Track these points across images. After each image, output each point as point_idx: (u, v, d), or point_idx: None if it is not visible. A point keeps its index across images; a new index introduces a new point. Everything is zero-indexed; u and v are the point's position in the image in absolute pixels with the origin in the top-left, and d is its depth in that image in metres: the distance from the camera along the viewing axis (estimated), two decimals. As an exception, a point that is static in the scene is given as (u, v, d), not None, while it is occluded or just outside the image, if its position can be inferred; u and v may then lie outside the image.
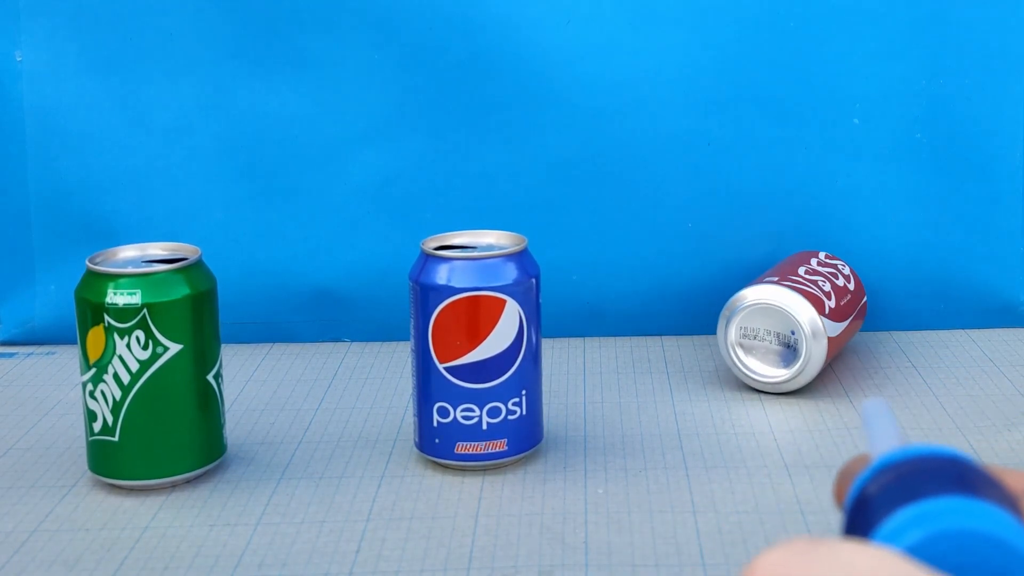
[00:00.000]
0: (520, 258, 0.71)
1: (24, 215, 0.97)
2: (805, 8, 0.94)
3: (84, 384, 0.70)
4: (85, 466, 0.73)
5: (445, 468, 0.73)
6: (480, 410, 0.71)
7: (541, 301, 0.73)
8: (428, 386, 0.71)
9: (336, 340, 0.98)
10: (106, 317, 0.68)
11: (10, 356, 0.96)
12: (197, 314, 0.70)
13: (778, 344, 0.83)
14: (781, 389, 0.84)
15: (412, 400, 0.74)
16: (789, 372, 0.83)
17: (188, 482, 0.71)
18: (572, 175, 0.96)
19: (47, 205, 0.97)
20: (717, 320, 0.85)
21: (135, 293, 0.68)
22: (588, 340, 0.97)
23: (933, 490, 0.31)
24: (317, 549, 0.64)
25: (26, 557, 0.63)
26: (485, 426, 0.71)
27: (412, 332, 0.72)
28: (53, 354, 0.96)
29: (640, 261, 0.97)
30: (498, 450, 0.72)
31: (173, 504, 0.69)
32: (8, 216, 0.97)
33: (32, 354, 0.96)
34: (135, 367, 0.68)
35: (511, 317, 0.70)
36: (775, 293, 0.83)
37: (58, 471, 0.74)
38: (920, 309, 0.97)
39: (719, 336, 0.85)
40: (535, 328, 0.72)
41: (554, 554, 0.62)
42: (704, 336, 0.97)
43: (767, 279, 0.85)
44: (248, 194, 0.97)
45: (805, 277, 0.86)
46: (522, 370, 0.71)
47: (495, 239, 0.74)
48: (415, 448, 0.74)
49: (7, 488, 0.72)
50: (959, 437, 0.76)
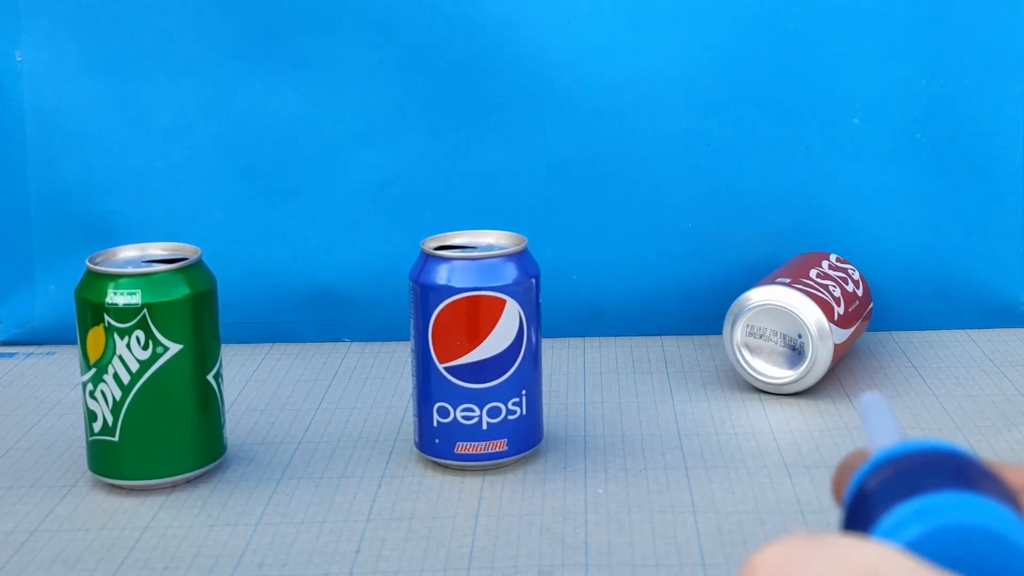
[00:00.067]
0: (520, 258, 0.71)
1: (24, 215, 0.97)
2: (805, 8, 0.94)
3: (84, 384, 0.70)
4: (85, 466, 0.73)
5: (445, 468, 0.73)
6: (480, 410, 0.71)
7: (541, 301, 0.73)
8: (428, 386, 0.71)
9: (336, 340, 0.98)
10: (106, 317, 0.68)
11: (10, 356, 0.96)
12: (197, 314, 0.70)
13: (783, 346, 0.83)
14: (783, 390, 0.83)
15: (412, 400, 0.74)
16: (793, 374, 0.82)
17: (188, 482, 0.71)
18: (572, 175, 0.96)
19: (47, 205, 0.97)
20: (717, 320, 0.85)
21: (135, 293, 0.68)
22: (588, 340, 0.97)
23: (933, 485, 0.31)
24: (317, 549, 0.64)
25: (26, 557, 0.63)
26: (485, 426, 0.71)
27: (412, 332, 0.72)
28: (53, 354, 0.96)
29: (640, 261, 0.97)
30: (498, 450, 0.72)
31: (173, 504, 0.69)
32: (8, 216, 0.97)
33: (32, 354, 0.96)
34: (135, 367, 0.68)
35: (511, 317, 0.70)
36: (786, 295, 0.83)
37: (58, 471, 0.74)
38: (920, 309, 0.97)
39: (725, 332, 0.84)
40: (535, 328, 0.72)
41: (554, 554, 0.62)
42: (704, 336, 0.97)
43: (779, 280, 0.84)
44: (248, 194, 0.97)
45: (816, 280, 0.85)
46: (522, 370, 0.71)
47: (495, 239, 0.74)
48: (415, 448, 0.74)
49: (7, 488, 0.72)
50: (959, 437, 0.76)
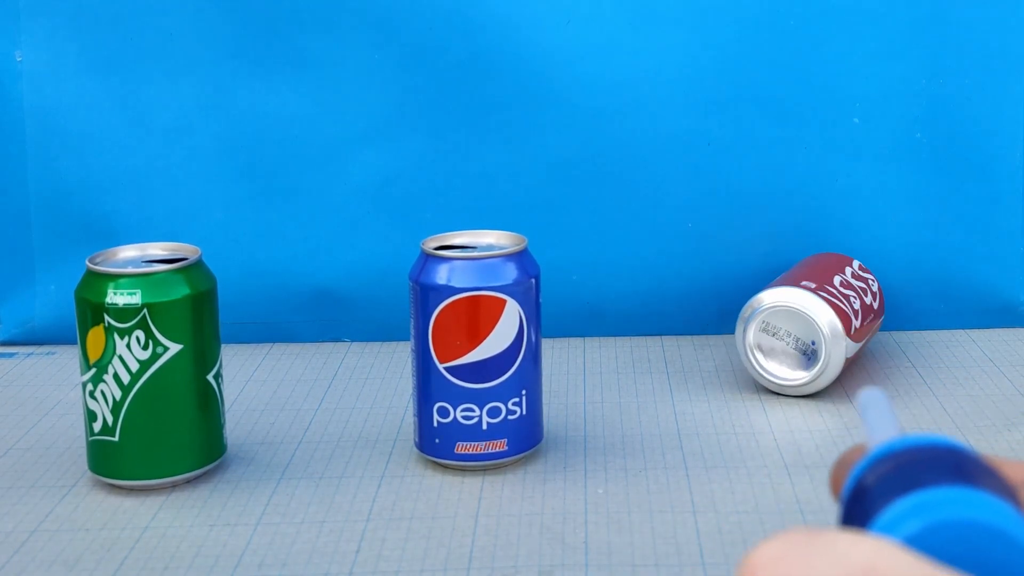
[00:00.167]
0: (520, 258, 0.71)
1: (24, 215, 0.97)
2: (805, 8, 0.94)
3: (84, 384, 0.70)
4: (85, 466, 0.73)
5: (445, 468, 0.73)
6: (480, 410, 0.71)
7: (541, 301, 0.73)
8: (428, 386, 0.71)
9: (336, 340, 0.98)
10: (106, 317, 0.68)
11: (10, 356, 0.96)
12: (197, 314, 0.70)
13: (795, 348, 0.82)
14: (786, 391, 0.83)
15: (412, 400, 0.74)
16: (805, 377, 0.82)
17: (188, 482, 0.71)
18: (572, 175, 0.96)
19: (47, 205, 0.97)
20: (717, 320, 0.85)
21: (135, 293, 0.68)
22: (588, 340, 0.97)
23: (931, 480, 0.31)
24: (317, 549, 0.64)
25: (26, 557, 0.63)
26: (485, 426, 0.71)
27: (412, 332, 0.72)
28: (53, 354, 0.96)
29: (640, 261, 0.97)
30: (498, 450, 0.72)
31: (173, 504, 0.69)
32: (8, 216, 0.97)
33: (32, 354, 0.96)
34: (135, 367, 0.68)
35: (511, 317, 0.70)
36: (809, 301, 0.81)
37: (58, 471, 0.74)
38: (920, 309, 0.97)
39: (742, 321, 0.83)
40: (535, 328, 0.72)
41: (554, 554, 0.62)
42: (704, 336, 0.97)
43: (803, 283, 0.83)
44: (248, 194, 0.97)
45: (839, 290, 0.84)
46: (522, 370, 0.71)
47: (495, 239, 0.74)
48: (415, 448, 0.74)
49: (7, 488, 0.72)
50: (959, 437, 0.76)
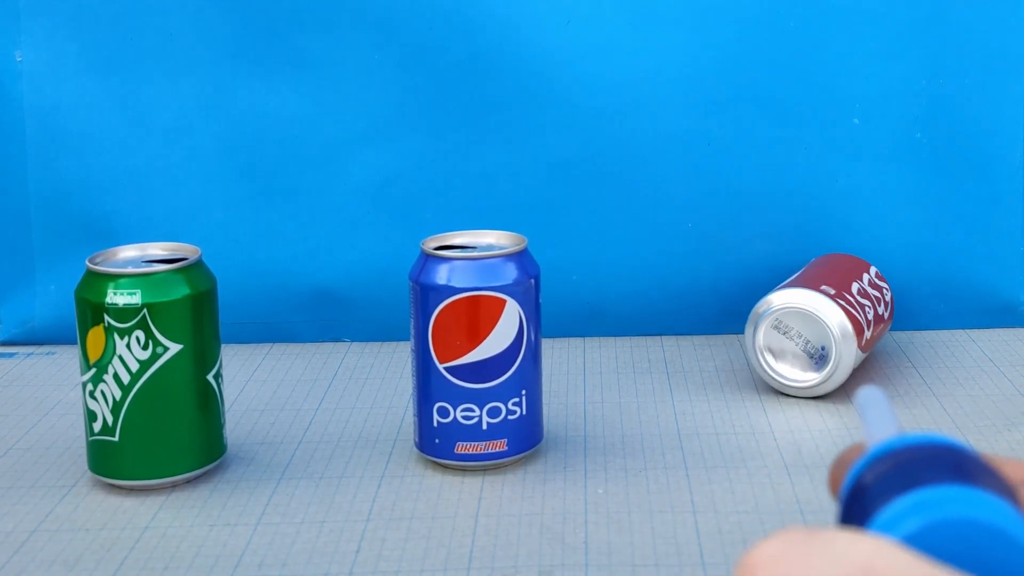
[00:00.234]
0: (520, 258, 0.71)
1: (24, 215, 0.97)
2: (805, 8, 0.94)
3: (84, 384, 0.70)
4: (85, 466, 0.73)
5: (445, 468, 0.73)
6: (480, 410, 0.71)
7: (541, 301, 0.73)
8: (428, 386, 0.71)
9: (336, 340, 0.98)
10: (106, 317, 0.68)
11: (10, 356, 0.96)
12: (197, 314, 0.70)
13: (803, 350, 0.82)
14: (795, 392, 0.83)
15: (412, 400, 0.74)
16: (816, 378, 0.82)
17: (188, 482, 0.71)
18: (572, 175, 0.96)
19: (47, 205, 0.97)
20: (717, 320, 0.85)
21: (135, 293, 0.68)
22: (588, 340, 0.97)
23: (930, 479, 0.31)
24: (317, 549, 0.64)
25: (26, 557, 0.63)
26: (485, 426, 0.71)
27: (412, 332, 0.72)
28: (53, 354, 0.96)
29: (640, 261, 0.97)
30: (498, 450, 0.72)
31: (173, 504, 0.69)
32: (8, 216, 0.97)
33: (32, 354, 0.96)
34: (135, 367, 0.68)
35: (511, 317, 0.70)
36: (826, 307, 0.81)
37: (58, 471, 0.74)
38: (920, 309, 0.97)
39: (755, 316, 0.83)
40: (535, 328, 0.72)
41: (554, 554, 0.62)
42: (704, 336, 0.96)
43: (823, 288, 0.82)
44: (248, 194, 0.97)
45: (856, 299, 0.84)
46: (522, 370, 0.71)
47: (495, 239, 0.74)
48: (415, 448, 0.74)
49: (7, 488, 0.72)
50: (959, 437, 0.76)
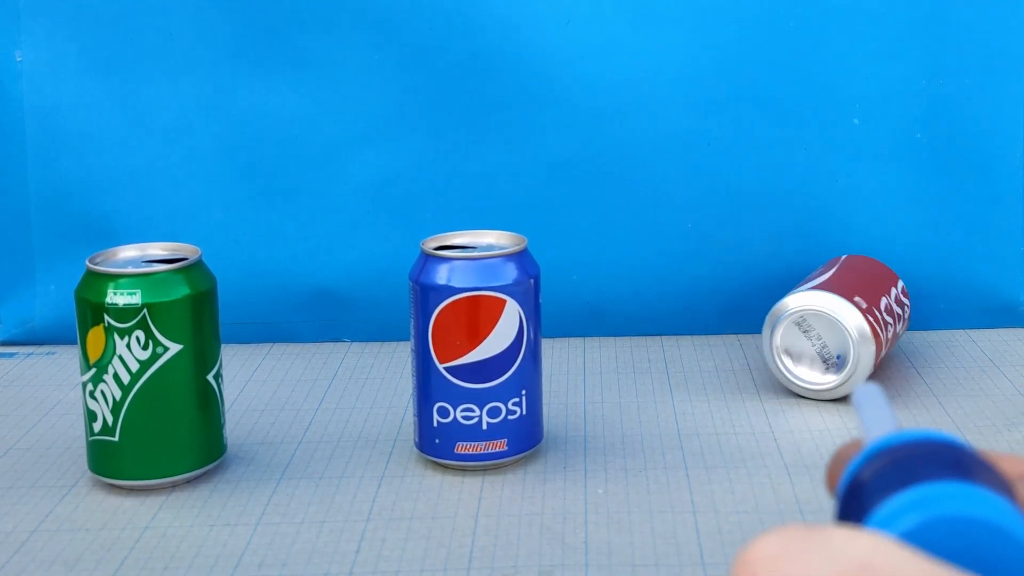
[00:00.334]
0: (520, 258, 0.71)
1: (24, 215, 0.97)
2: (805, 8, 0.94)
3: (84, 384, 0.70)
4: (85, 466, 0.73)
5: (445, 468, 0.73)
6: (480, 410, 0.71)
7: (541, 301, 0.73)
8: (428, 386, 0.71)
9: (336, 340, 0.98)
10: (106, 317, 0.68)
11: (10, 356, 0.96)
12: (197, 314, 0.70)
13: (818, 353, 0.82)
14: (811, 395, 0.82)
15: (412, 400, 0.74)
16: (834, 381, 0.81)
17: (188, 482, 0.71)
18: (572, 175, 0.96)
19: (47, 205, 0.97)
20: (717, 320, 0.85)
21: (135, 293, 0.68)
22: (588, 340, 0.97)
23: (928, 475, 0.31)
24: (317, 549, 0.64)
25: (26, 557, 0.63)
26: (485, 426, 0.71)
27: (412, 332, 0.72)
28: (53, 354, 0.96)
29: (640, 261, 0.97)
30: (498, 450, 0.72)
31: (173, 504, 0.69)
32: (8, 216, 0.97)
33: (32, 354, 0.96)
34: (135, 367, 0.68)
35: (511, 317, 0.70)
36: (854, 318, 0.80)
37: (58, 471, 0.74)
38: (920, 309, 0.97)
39: (776, 314, 0.82)
40: (535, 328, 0.72)
41: (554, 554, 0.62)
42: (704, 336, 0.96)
43: (855, 299, 0.81)
44: (248, 194, 0.97)
45: (883, 316, 0.83)
46: (522, 370, 0.71)
47: (495, 239, 0.74)
48: (415, 448, 0.74)
49: (7, 488, 0.72)
50: (959, 437, 0.76)
